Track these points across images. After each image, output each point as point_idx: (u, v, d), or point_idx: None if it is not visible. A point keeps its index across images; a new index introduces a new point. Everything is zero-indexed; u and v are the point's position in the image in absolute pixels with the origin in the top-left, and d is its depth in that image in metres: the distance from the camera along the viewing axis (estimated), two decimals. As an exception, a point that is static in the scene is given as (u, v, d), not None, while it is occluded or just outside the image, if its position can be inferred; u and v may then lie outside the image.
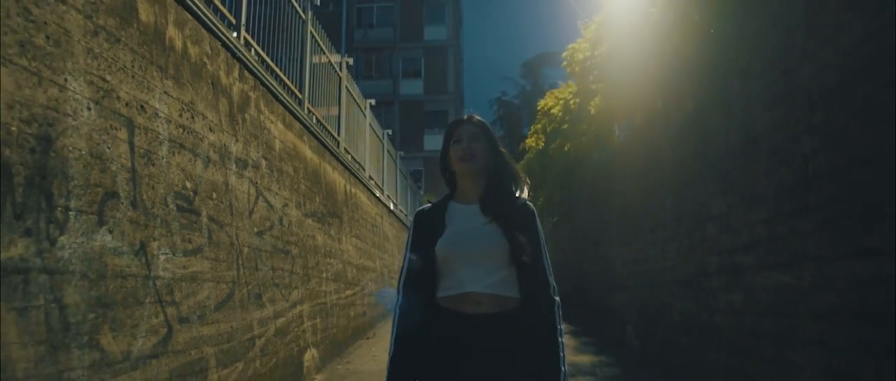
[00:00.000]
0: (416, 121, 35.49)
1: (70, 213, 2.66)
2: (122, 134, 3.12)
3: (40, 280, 2.45)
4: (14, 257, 2.33)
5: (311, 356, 6.07)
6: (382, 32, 36.04)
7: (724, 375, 4.33)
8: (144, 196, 3.29)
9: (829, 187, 3.06)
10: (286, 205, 5.74)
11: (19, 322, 2.31)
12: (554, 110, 11.13)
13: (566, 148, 10.63)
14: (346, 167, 8.79)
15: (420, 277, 2.06)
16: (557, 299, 2.05)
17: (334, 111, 9.03)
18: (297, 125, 6.35)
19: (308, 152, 6.71)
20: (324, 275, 6.97)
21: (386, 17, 36.46)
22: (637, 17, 6.45)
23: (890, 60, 2.57)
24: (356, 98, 10.45)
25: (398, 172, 15.47)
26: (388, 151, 13.82)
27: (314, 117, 7.29)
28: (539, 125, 12.52)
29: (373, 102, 11.68)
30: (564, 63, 9.54)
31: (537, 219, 2.15)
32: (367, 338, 8.85)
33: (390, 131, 14.92)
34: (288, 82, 6.35)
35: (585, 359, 6.85)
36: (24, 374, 2.31)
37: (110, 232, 2.94)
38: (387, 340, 2.05)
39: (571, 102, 10.05)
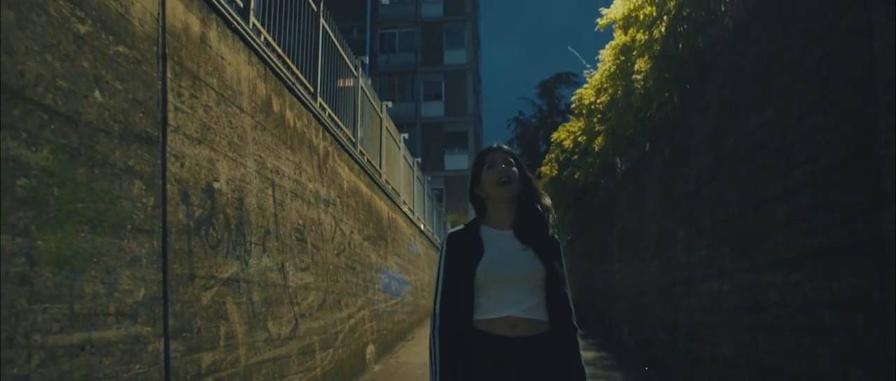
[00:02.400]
0: (438, 142, 36.90)
1: (251, 245, 4.29)
2: (269, 191, 4.75)
3: (243, 287, 4.07)
4: (232, 273, 3.95)
5: (370, 350, 7.68)
6: (405, 57, 37.64)
7: (685, 357, 5.88)
8: (281, 231, 4.91)
9: (737, 225, 4.60)
10: (352, 231, 7.37)
11: (238, 310, 3.94)
12: (566, 143, 12.69)
13: (576, 176, 12.16)
14: (387, 196, 10.43)
15: (457, 300, 2.09)
16: (578, 327, 2.18)
17: (376, 146, 10.68)
18: (356, 167, 7.99)
19: (364, 188, 8.34)
20: (377, 287, 8.59)
21: (408, 43, 38.13)
22: (627, 79, 8.01)
23: (763, 147, 4.13)
24: (393, 134, 12.11)
25: (426, 195, 17.11)
26: (417, 177, 15.47)
27: (365, 158, 8.93)
28: (553, 155, 14.09)
29: (406, 135, 13.33)
30: (574, 106, 11.13)
31: (561, 249, 2.22)
32: (408, 340, 10.45)
33: (419, 160, 16.55)
34: (348, 133, 8.00)
35: (589, 355, 8.40)
36: (241, 340, 3.93)
37: (268, 256, 4.56)
38: (425, 341, 2.16)
39: (580, 138, 11.60)
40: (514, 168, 2.16)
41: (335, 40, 7.64)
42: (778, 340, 3.85)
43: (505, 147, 2.25)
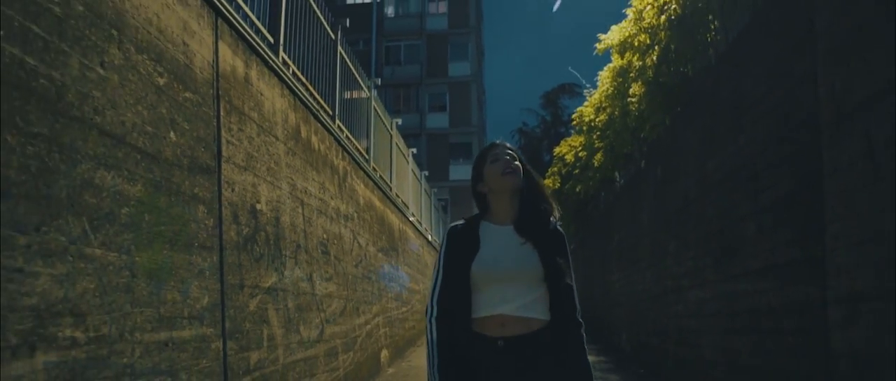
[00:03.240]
0: (442, 152, 37.42)
1: (286, 258, 4.86)
2: (299, 209, 5.32)
3: (280, 295, 4.64)
4: (272, 283, 4.52)
5: (384, 354, 8.23)
6: (410, 69, 38.24)
7: (673, 360, 6.42)
8: (309, 245, 5.48)
9: (717, 239, 5.16)
10: (368, 244, 7.93)
11: (277, 315, 4.50)
12: (567, 157, 13.26)
13: (578, 189, 12.73)
14: (398, 209, 11.00)
15: (452, 293, 2.08)
16: (582, 322, 2.11)
17: (387, 161, 11.25)
18: (370, 183, 8.56)
19: (377, 202, 8.92)
20: (389, 295, 9.15)
21: (413, 55, 38.75)
22: (623, 100, 8.58)
23: (735, 174, 4.68)
24: (402, 150, 12.69)
25: (433, 207, 17.68)
26: (425, 189, 16.04)
27: (378, 174, 9.50)
28: (555, 168, 14.67)
29: (414, 150, 13.92)
30: (574, 122, 11.73)
31: (567, 243, 2.17)
32: (418, 345, 11.02)
33: (427, 173, 17.13)
34: (363, 152, 8.57)
35: (590, 359, 8.93)
36: (279, 341, 4.49)
37: (299, 268, 5.13)
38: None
39: (581, 153, 12.17)
40: (517, 162, 2.15)
41: (350, 65, 8.22)
42: (748, 340, 4.41)
43: (507, 144, 2.24)
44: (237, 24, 4.32)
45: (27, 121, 2.26)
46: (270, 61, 4.94)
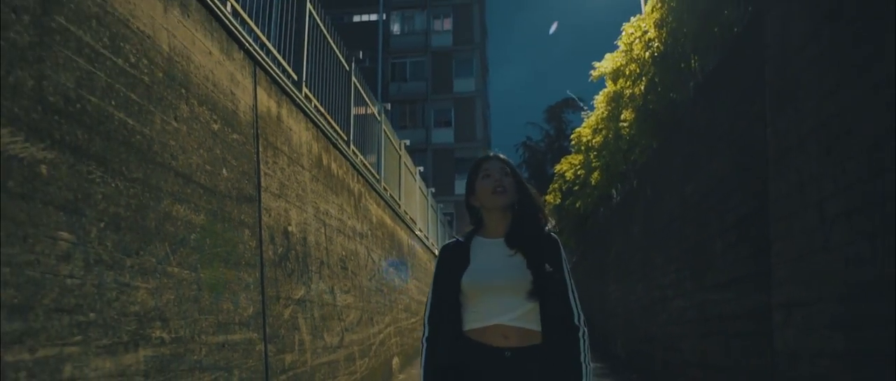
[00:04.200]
0: (447, 167, 37.99)
1: (312, 273, 5.51)
2: (322, 230, 5.98)
3: (307, 306, 5.29)
4: (301, 295, 5.17)
5: (395, 361, 8.86)
6: (415, 86, 38.95)
7: (661, 364, 7.04)
8: (330, 261, 6.13)
9: (694, 254, 5.79)
10: (380, 259, 8.59)
11: (305, 323, 5.15)
12: (567, 175, 13.91)
13: (577, 205, 13.38)
14: (406, 225, 11.66)
15: (446, 309, 2.11)
16: (585, 327, 2.10)
17: (396, 180, 11.92)
18: (382, 202, 9.22)
19: (388, 220, 9.58)
20: (399, 306, 9.79)
21: (418, 72, 39.48)
22: (616, 124, 9.25)
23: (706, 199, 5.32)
24: (410, 168, 13.37)
25: (439, 222, 18.33)
26: (431, 206, 16.70)
27: (388, 193, 10.17)
28: (556, 185, 15.32)
29: (421, 168, 14.59)
30: (572, 143, 12.40)
31: (562, 250, 2.16)
32: (425, 355, 11.63)
33: (433, 190, 17.79)
34: (375, 174, 9.24)
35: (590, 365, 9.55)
36: (308, 346, 5.14)
37: (323, 282, 5.78)
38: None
39: (579, 171, 12.83)
40: (508, 178, 2.15)
41: (363, 93, 8.91)
42: (716, 342, 5.04)
43: (501, 156, 2.23)
44: (271, 70, 4.99)
45: (129, 168, 2.93)
46: (296, 99, 5.60)
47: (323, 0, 6.84)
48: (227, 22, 4.18)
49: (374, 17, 39.45)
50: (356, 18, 39.30)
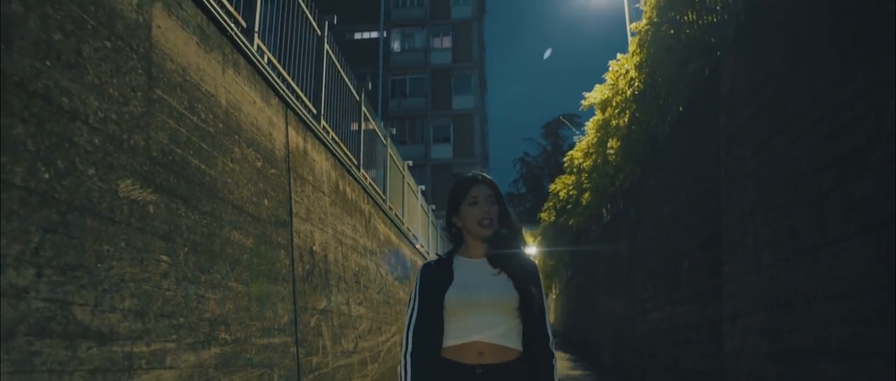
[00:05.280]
0: (446, 182, 38.59)
1: (331, 287, 6.28)
2: (339, 248, 6.75)
3: (328, 315, 6.05)
4: (324, 306, 5.93)
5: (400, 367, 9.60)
6: (415, 102, 39.72)
7: (642, 371, 7.80)
8: (346, 276, 6.90)
9: (667, 271, 6.56)
10: (387, 273, 9.36)
11: (327, 330, 5.92)
12: (561, 194, 14.71)
13: (570, 223, 14.16)
14: (409, 241, 12.43)
15: (428, 326, 2.10)
16: (555, 352, 2.13)
17: (399, 200, 12.70)
18: (388, 221, 10.00)
19: (393, 237, 10.36)
20: (404, 317, 10.53)
21: (418, 89, 40.28)
22: (603, 148, 10.06)
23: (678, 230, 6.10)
24: (412, 187, 14.16)
25: (439, 237, 19.10)
26: (432, 222, 17.48)
27: (393, 212, 10.95)
28: (550, 204, 16.13)
29: (423, 187, 15.38)
30: (565, 164, 13.23)
31: (539, 276, 2.19)
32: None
33: (434, 207, 18.58)
34: (381, 194, 10.02)
35: (577, 373, 10.31)
36: (329, 350, 5.89)
37: (340, 294, 6.55)
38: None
39: (571, 191, 13.62)
40: (495, 206, 2.16)
41: (372, 121, 9.71)
42: (684, 349, 5.81)
43: (489, 179, 2.23)
44: (298, 110, 5.78)
45: (202, 203, 3.70)
46: (317, 131, 6.39)
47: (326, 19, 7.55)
48: (266, 73, 4.97)
49: (375, 34, 40.26)
50: (357, 36, 40.12)
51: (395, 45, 41.19)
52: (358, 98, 8.98)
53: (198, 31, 3.86)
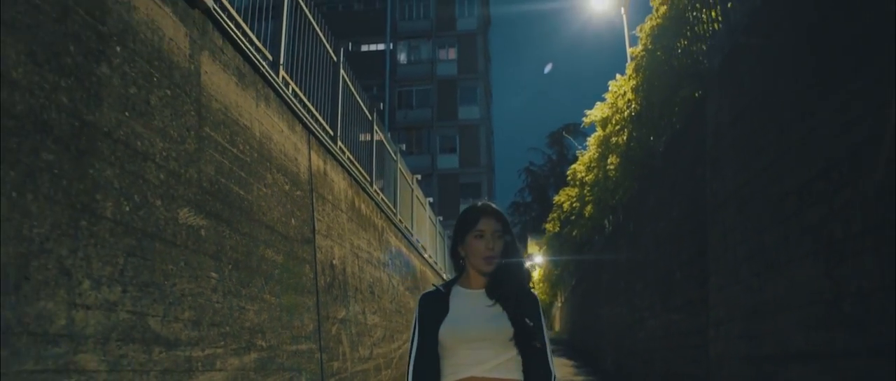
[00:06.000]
0: (452, 191, 38.99)
1: (349, 298, 6.76)
2: (356, 261, 7.23)
3: (347, 325, 6.53)
4: (343, 316, 6.41)
5: (411, 374, 10.07)
6: (421, 113, 40.10)
7: (639, 376, 8.25)
8: (362, 287, 7.38)
9: (662, 282, 7.02)
10: (399, 284, 9.84)
11: (346, 338, 6.39)
12: (565, 206, 15.19)
13: (574, 233, 14.63)
14: (419, 253, 12.91)
15: (427, 362, 2.09)
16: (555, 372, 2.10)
17: (409, 213, 13.18)
18: (399, 234, 10.49)
19: (404, 249, 10.84)
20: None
21: (424, 100, 40.70)
22: (604, 163, 10.53)
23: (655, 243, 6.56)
24: (421, 200, 14.65)
25: (446, 247, 19.58)
26: (439, 233, 17.97)
27: (404, 224, 11.43)
28: (555, 215, 16.60)
29: (431, 199, 15.87)
30: (568, 177, 13.72)
31: (540, 307, 2.17)
32: (436, 371, 12.83)
33: (441, 218, 19.05)
34: (392, 208, 10.51)
35: (580, 379, 10.75)
36: (348, 356, 6.37)
37: (357, 304, 7.03)
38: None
39: (574, 203, 14.10)
40: (500, 241, 2.15)
41: (384, 140, 10.21)
42: (676, 354, 6.26)
43: (497, 210, 2.22)
44: (319, 135, 6.27)
45: (241, 225, 4.19)
46: (334, 153, 6.88)
47: (334, 30, 8.01)
48: (291, 103, 5.47)
49: (381, 46, 40.72)
50: (364, 48, 40.58)
51: (402, 57, 41.59)
52: (370, 117, 9.47)
53: (236, 72, 4.37)
